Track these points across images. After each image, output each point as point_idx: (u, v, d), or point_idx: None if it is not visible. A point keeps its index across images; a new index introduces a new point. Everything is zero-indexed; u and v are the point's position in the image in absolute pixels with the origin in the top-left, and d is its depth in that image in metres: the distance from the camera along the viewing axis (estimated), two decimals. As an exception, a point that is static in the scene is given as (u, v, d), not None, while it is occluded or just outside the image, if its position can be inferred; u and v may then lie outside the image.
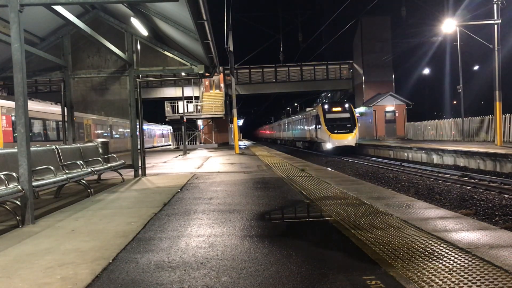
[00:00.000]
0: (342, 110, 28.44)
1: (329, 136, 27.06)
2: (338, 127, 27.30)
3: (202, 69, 10.51)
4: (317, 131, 29.27)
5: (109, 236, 4.30)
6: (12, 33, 5.10)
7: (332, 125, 27.51)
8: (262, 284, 2.81)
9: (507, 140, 19.73)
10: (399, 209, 5.08)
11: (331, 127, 27.44)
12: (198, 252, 3.59)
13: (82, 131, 21.76)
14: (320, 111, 28.87)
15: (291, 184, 7.99)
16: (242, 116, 67.23)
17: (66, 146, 8.57)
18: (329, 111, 28.48)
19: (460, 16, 22.31)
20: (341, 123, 27.55)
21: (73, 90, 10.32)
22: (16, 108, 5.11)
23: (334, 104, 29.90)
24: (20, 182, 5.02)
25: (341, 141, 26.71)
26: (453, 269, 2.95)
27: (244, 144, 40.58)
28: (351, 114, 28.19)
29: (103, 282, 2.96)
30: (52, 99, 21.98)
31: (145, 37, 10.38)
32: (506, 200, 9.50)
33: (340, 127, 27.29)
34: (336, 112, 28.28)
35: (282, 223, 4.85)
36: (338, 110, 28.48)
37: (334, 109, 28.52)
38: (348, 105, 28.78)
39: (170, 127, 48.66)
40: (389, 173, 15.29)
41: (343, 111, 28.39)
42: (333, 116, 28.04)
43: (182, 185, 8.29)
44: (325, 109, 28.71)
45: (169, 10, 8.62)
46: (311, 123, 31.63)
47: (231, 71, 22.24)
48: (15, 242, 4.17)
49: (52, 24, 9.74)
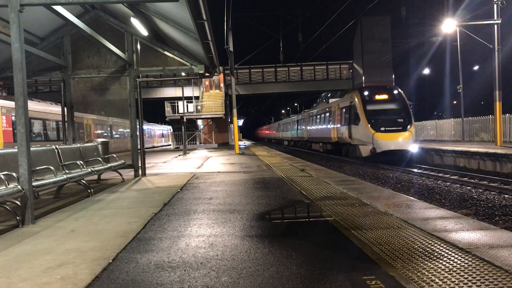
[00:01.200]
0: (390, 98, 19.79)
1: (373, 136, 18.31)
2: (385, 122, 18.81)
3: (202, 69, 10.51)
4: (351, 129, 20.49)
5: (109, 236, 4.30)
6: (12, 33, 5.10)
7: (376, 120, 18.89)
8: (262, 284, 2.81)
9: (507, 140, 19.73)
10: (399, 209, 5.08)
11: (375, 122, 18.79)
12: (198, 252, 3.59)
13: (82, 131, 21.75)
14: (357, 100, 19.97)
15: (291, 184, 7.98)
16: (242, 116, 67.16)
17: (66, 146, 8.57)
18: (371, 99, 19.81)
19: (460, 16, 22.31)
20: (390, 116, 19.17)
21: (73, 90, 10.32)
22: (16, 108, 5.11)
23: (378, 89, 20.64)
24: (20, 182, 5.02)
25: (392, 143, 18.22)
26: (453, 269, 2.95)
27: (244, 144, 40.59)
28: (403, 103, 19.63)
29: (103, 282, 2.96)
30: (52, 99, 21.98)
31: (145, 37, 10.38)
32: (506, 200, 9.50)
33: (388, 122, 18.84)
34: (382, 102, 19.73)
35: (282, 223, 4.85)
36: (384, 98, 19.86)
37: (378, 97, 19.93)
38: (398, 91, 20.35)
39: (170, 127, 48.69)
40: (389, 173, 15.29)
41: (391, 99, 19.76)
42: (377, 107, 19.45)
43: (182, 185, 8.29)
44: (364, 96, 19.90)
45: (169, 10, 8.62)
46: (340, 119, 22.73)
47: (231, 71, 22.25)
48: (15, 242, 4.17)
49: (52, 24, 9.74)
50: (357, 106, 19.89)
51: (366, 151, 19.07)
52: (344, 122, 21.72)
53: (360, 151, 19.72)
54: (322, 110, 28.27)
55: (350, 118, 20.77)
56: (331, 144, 25.62)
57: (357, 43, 40.44)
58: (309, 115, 33.40)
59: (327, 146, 27.15)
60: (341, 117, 22.51)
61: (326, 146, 27.43)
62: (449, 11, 23.66)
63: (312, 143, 32.54)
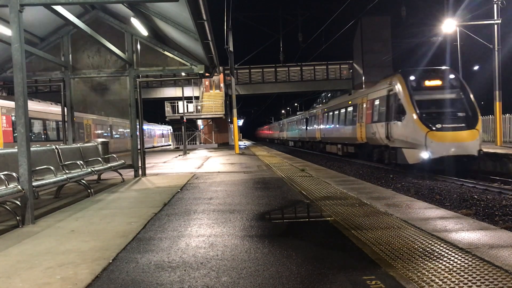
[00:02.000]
0: (446, 84, 14.59)
1: (426, 136, 13.27)
2: (443, 117, 13.75)
3: (202, 69, 10.51)
4: (390, 127, 15.22)
5: (109, 236, 4.30)
6: (12, 33, 5.10)
7: (429, 114, 13.89)
8: (262, 284, 2.81)
9: (507, 140, 19.73)
10: (399, 209, 5.08)
11: (428, 117, 13.73)
12: (198, 252, 3.59)
13: (82, 131, 21.75)
14: (400, 87, 14.70)
15: (291, 184, 7.98)
16: (242, 116, 67.16)
17: (66, 146, 8.57)
18: (420, 86, 14.59)
19: (460, 16, 22.31)
20: (449, 109, 14.11)
21: (73, 90, 10.32)
22: (16, 108, 5.11)
23: (428, 73, 15.04)
24: (20, 182, 5.02)
25: (454, 146, 13.23)
26: (453, 269, 2.95)
27: (244, 144, 40.60)
28: (464, 91, 14.50)
29: (103, 282, 2.96)
30: (52, 99, 21.98)
31: (145, 37, 10.38)
32: (506, 200, 9.50)
33: (447, 117, 13.76)
34: (435, 89, 14.52)
35: (282, 223, 4.85)
36: (437, 84, 14.63)
37: (430, 82, 14.70)
38: (455, 74, 15.18)
39: (170, 127, 48.70)
40: (389, 174, 15.28)
41: (447, 85, 14.55)
42: (429, 97, 14.34)
43: (182, 185, 8.29)
44: (411, 82, 14.64)
45: (169, 10, 8.62)
46: (371, 113, 17.61)
47: (231, 71, 22.26)
48: (15, 242, 4.17)
49: (52, 24, 9.74)
50: (400, 94, 14.53)
51: (414, 156, 13.74)
52: (379, 117, 16.61)
53: (403, 156, 14.33)
54: (343, 103, 22.74)
55: (388, 112, 15.50)
56: (355, 146, 20.31)
57: (357, 43, 40.47)
58: (323, 111, 27.93)
59: (348, 149, 21.56)
60: (373, 111, 17.29)
61: (347, 148, 21.89)
62: (449, 11, 23.65)
63: (327, 145, 26.73)
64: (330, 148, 25.80)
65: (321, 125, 28.10)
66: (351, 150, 21.33)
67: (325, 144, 27.26)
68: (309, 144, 33.70)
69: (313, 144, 32.14)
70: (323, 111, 27.95)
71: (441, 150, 13.18)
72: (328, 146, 26.38)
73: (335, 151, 24.42)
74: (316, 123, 29.62)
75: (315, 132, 29.92)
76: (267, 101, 61.54)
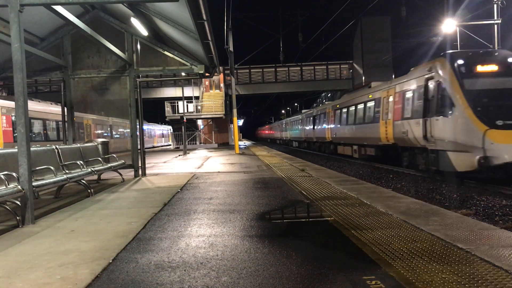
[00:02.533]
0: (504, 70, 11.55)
1: (484, 136, 10.38)
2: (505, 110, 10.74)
3: (202, 69, 10.52)
4: (431, 124, 12.19)
5: (109, 236, 4.30)
6: (12, 33, 5.10)
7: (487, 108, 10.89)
8: (262, 284, 2.81)
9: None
10: (399, 209, 5.07)
11: (485, 111, 10.78)
12: (198, 252, 3.59)
13: (82, 131, 21.75)
14: (446, 73, 11.81)
15: (291, 184, 7.99)
16: (242, 116, 67.18)
17: (66, 146, 8.57)
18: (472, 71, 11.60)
19: (460, 16, 22.32)
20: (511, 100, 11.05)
21: (73, 90, 10.32)
22: (16, 108, 5.11)
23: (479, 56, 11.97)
24: (20, 182, 5.02)
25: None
26: (453, 269, 2.95)
27: (244, 144, 40.61)
28: None
29: (103, 282, 2.96)
30: (52, 99, 21.98)
31: (145, 37, 10.38)
32: (506, 200, 9.49)
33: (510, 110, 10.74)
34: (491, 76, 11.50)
35: (282, 223, 4.85)
36: (493, 69, 11.61)
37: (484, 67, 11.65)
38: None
39: (170, 127, 48.72)
40: (389, 174, 15.28)
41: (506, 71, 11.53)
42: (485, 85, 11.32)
43: (182, 185, 8.29)
44: (459, 67, 11.65)
45: (169, 10, 8.62)
46: (401, 108, 14.60)
47: (231, 71, 22.27)
48: (15, 242, 4.17)
49: (52, 24, 9.74)
50: (446, 83, 11.60)
51: (465, 162, 10.79)
52: (412, 112, 13.53)
53: (449, 162, 11.28)
54: (360, 98, 19.56)
55: (428, 105, 12.50)
56: (377, 147, 17.40)
57: (357, 43, 40.50)
58: (334, 107, 24.56)
59: (369, 151, 18.45)
60: (404, 106, 14.32)
61: (365, 150, 18.84)
62: (449, 11, 23.65)
63: (338, 146, 23.48)
64: (344, 150, 22.40)
65: (332, 124, 24.64)
66: (370, 153, 18.19)
67: (336, 145, 24.02)
68: (317, 145, 30.22)
69: (321, 145, 28.67)
70: (334, 108, 24.27)
71: (505, 154, 9.97)
72: (341, 148, 22.79)
73: (350, 153, 21.20)
74: (326, 122, 26.07)
75: (325, 131, 26.38)
76: (267, 101, 61.60)
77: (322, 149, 28.39)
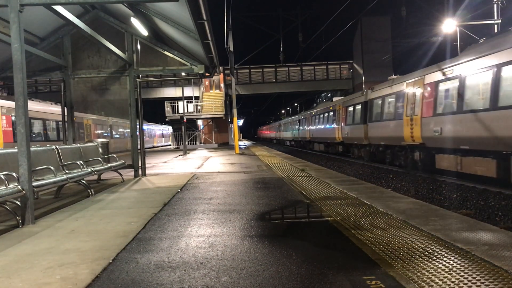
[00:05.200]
0: None
1: None
2: None
3: (202, 69, 10.52)
4: None
5: (109, 236, 4.30)
6: (12, 33, 5.10)
7: None
8: (262, 284, 2.81)
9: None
10: (399, 209, 5.07)
11: None
12: (198, 252, 3.59)
13: (82, 131, 21.76)
14: None
15: (291, 184, 7.98)
16: (242, 116, 67.20)
17: (66, 146, 8.57)
18: None
19: (460, 16, 22.32)
20: None
21: (73, 90, 10.32)
22: (16, 108, 5.11)
23: None
24: (20, 182, 5.02)
25: None
26: (453, 269, 2.95)
27: (244, 144, 40.60)
28: None
29: (103, 282, 2.96)
30: (52, 99, 22.00)
31: (145, 37, 10.38)
32: (506, 200, 9.49)
33: None
34: None
35: (282, 223, 4.85)
36: None
37: None
38: None
39: (170, 127, 48.72)
40: (389, 174, 15.28)
41: None
42: None
43: (182, 185, 8.29)
44: None
45: (169, 10, 8.62)
46: None
47: (231, 71, 22.27)
48: (15, 242, 4.16)
49: (52, 24, 9.74)
50: None
51: None
52: None
53: None
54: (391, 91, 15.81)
55: None
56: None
57: (357, 43, 40.50)
58: (345, 104, 21.90)
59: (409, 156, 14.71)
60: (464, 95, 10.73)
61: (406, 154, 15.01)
62: (449, 11, 23.66)
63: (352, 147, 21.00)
64: (358, 152, 20.37)
65: (342, 124, 22.49)
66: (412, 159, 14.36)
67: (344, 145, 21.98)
68: (323, 146, 27.83)
69: (329, 146, 26.34)
70: (353, 104, 20.68)
71: None
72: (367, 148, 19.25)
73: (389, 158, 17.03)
74: (337, 121, 23.45)
75: (335, 132, 23.90)
76: (267, 101, 61.60)
77: (329, 149, 26.54)
